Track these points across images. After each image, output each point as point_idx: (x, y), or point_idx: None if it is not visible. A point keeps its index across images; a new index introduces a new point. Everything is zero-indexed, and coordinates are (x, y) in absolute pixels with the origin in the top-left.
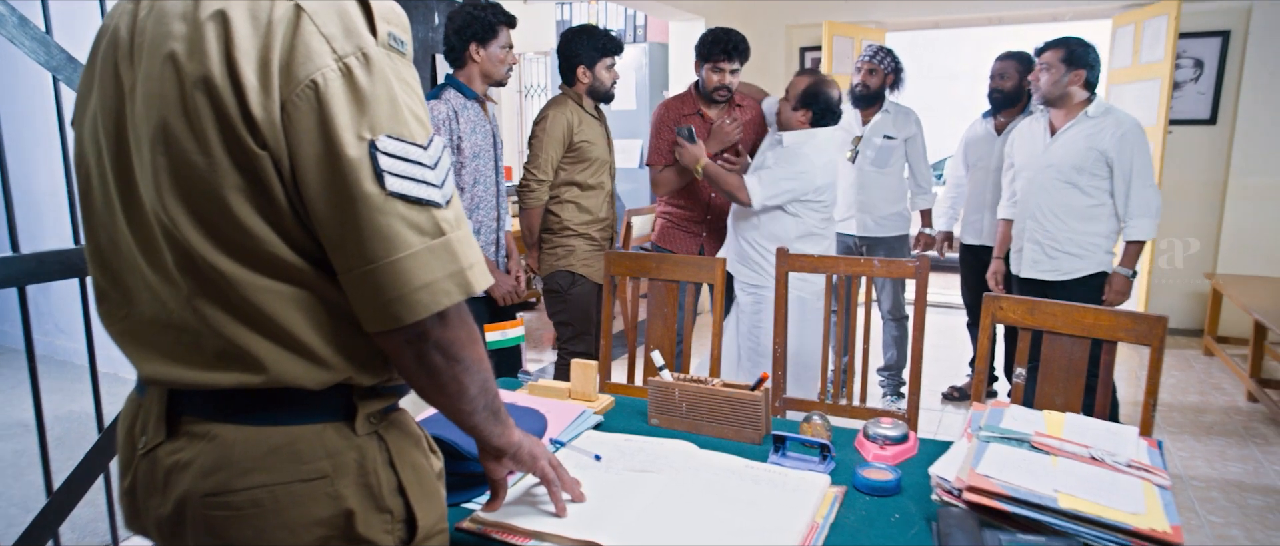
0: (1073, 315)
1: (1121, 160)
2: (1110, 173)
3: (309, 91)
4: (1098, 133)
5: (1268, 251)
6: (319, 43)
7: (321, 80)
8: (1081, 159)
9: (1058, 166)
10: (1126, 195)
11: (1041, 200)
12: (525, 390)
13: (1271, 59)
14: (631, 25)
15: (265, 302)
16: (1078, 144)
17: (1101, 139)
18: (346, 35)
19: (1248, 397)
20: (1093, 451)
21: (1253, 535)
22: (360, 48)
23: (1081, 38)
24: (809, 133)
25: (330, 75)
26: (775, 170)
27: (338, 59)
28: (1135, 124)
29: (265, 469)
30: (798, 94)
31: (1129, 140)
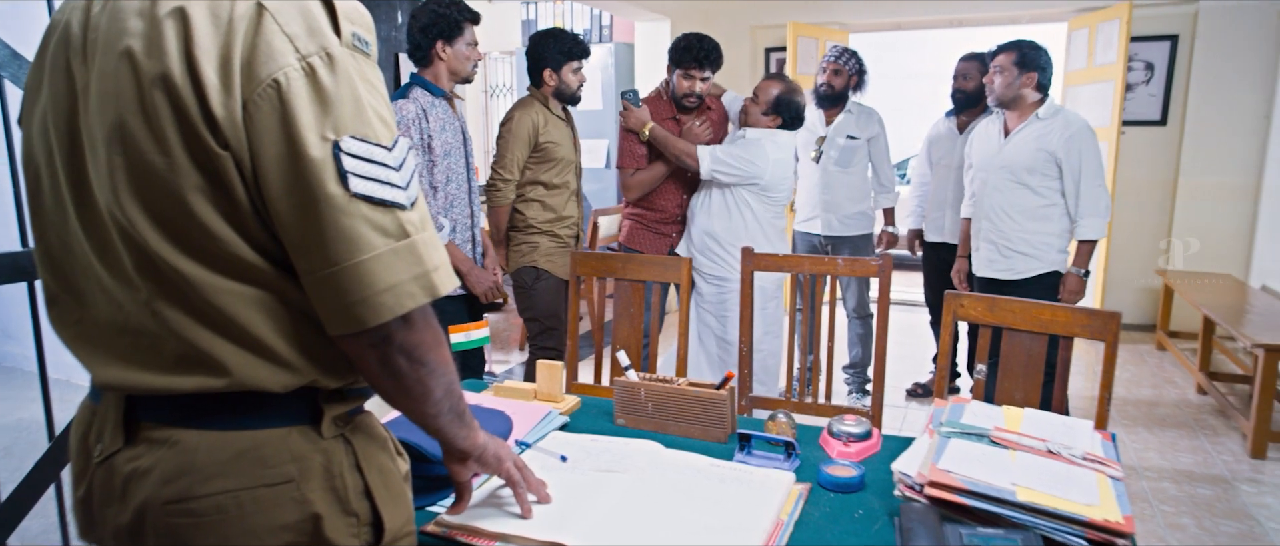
0: (1031, 312)
1: (1070, 161)
2: (1060, 173)
3: (271, 90)
4: (1047, 134)
5: (1216, 249)
6: (281, 42)
7: (284, 79)
8: (1032, 160)
9: (1010, 167)
10: (1077, 195)
11: (995, 200)
12: (491, 391)
13: (1216, 62)
14: (597, 25)
15: (227, 304)
16: (1028, 145)
17: (1051, 140)
18: (310, 35)
19: (1197, 390)
20: (1049, 445)
21: (1202, 523)
22: (324, 47)
23: (1033, 41)
24: (768, 132)
25: (293, 74)
26: (731, 148)
27: (301, 58)
28: (1084, 125)
29: (229, 474)
30: (769, 100)
31: (1077, 141)
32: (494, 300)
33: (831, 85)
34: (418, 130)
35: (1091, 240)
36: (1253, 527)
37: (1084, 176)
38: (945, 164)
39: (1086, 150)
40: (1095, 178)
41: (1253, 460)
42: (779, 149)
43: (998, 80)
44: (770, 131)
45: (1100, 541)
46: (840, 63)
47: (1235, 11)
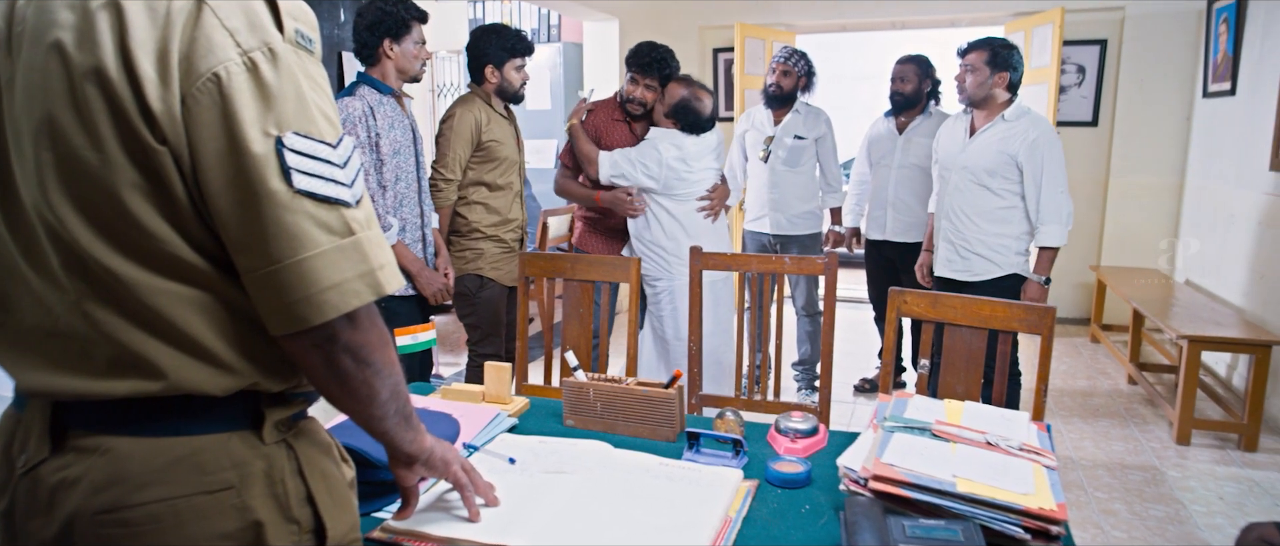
0: (971, 308)
1: (1032, 165)
2: (1021, 176)
3: (211, 85)
4: (1011, 136)
5: (1144, 245)
6: (222, 36)
7: (225, 74)
8: (994, 162)
9: (971, 168)
10: (1037, 200)
11: (955, 200)
12: (438, 394)
13: (1142, 66)
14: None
15: (164, 305)
16: (991, 146)
17: (1013, 143)
18: (251, 30)
19: (1128, 381)
20: (988, 437)
21: (1132, 507)
22: (266, 43)
23: (1005, 39)
24: (664, 132)
25: (234, 69)
26: (627, 152)
27: (242, 53)
28: (1048, 130)
29: (164, 482)
30: (669, 103)
31: (1040, 145)
32: (444, 301)
33: (780, 86)
34: (365, 128)
35: (1052, 247)
36: (1178, 510)
37: (1045, 182)
38: (885, 164)
39: (1049, 155)
40: (1056, 183)
41: (1178, 446)
42: (676, 148)
43: (969, 79)
44: (669, 132)
45: (1035, 529)
46: (789, 64)
47: (1158, 18)
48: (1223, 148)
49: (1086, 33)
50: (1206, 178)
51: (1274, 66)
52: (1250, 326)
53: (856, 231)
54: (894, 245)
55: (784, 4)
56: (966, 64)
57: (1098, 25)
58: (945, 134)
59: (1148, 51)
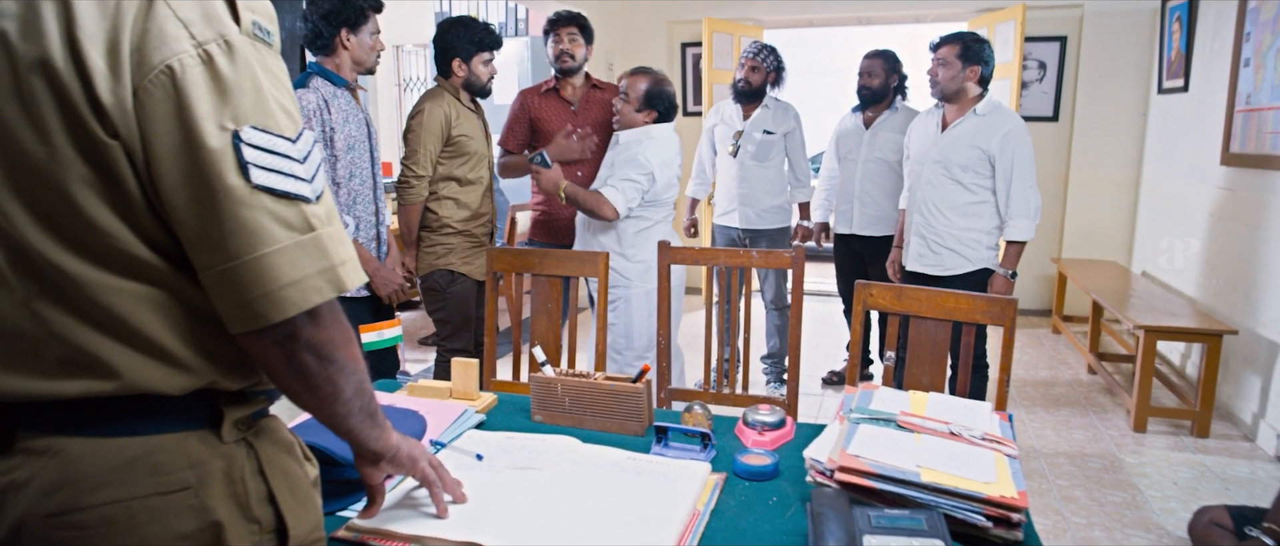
0: (935, 300)
1: (1002, 160)
2: (993, 171)
3: (164, 77)
4: (983, 131)
5: (1103, 238)
6: (175, 27)
7: (179, 66)
8: (966, 156)
9: (944, 162)
10: (1007, 194)
11: (927, 194)
12: (405, 391)
13: (1100, 62)
14: (513, 18)
15: (116, 304)
16: (963, 141)
17: (985, 137)
18: (206, 21)
19: (1088, 371)
20: (951, 427)
21: (1092, 494)
22: (222, 35)
23: (976, 34)
24: (644, 131)
25: (188, 62)
26: (626, 171)
27: (197, 45)
28: (1020, 124)
29: (119, 483)
30: (640, 95)
31: (1011, 140)
32: (401, 301)
33: (749, 81)
34: (319, 122)
35: (1020, 241)
36: (1135, 496)
37: (1015, 176)
38: (852, 158)
39: (1020, 150)
40: (1026, 178)
41: (1135, 434)
42: (658, 150)
43: (942, 73)
44: (646, 130)
45: (997, 516)
46: (758, 59)
47: (1115, 16)
48: (1177, 143)
49: (1047, 29)
50: (1162, 172)
51: (1224, 64)
52: (1203, 316)
53: (825, 226)
54: (861, 239)
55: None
56: (939, 58)
57: (1058, 22)
58: (917, 129)
59: (1105, 49)
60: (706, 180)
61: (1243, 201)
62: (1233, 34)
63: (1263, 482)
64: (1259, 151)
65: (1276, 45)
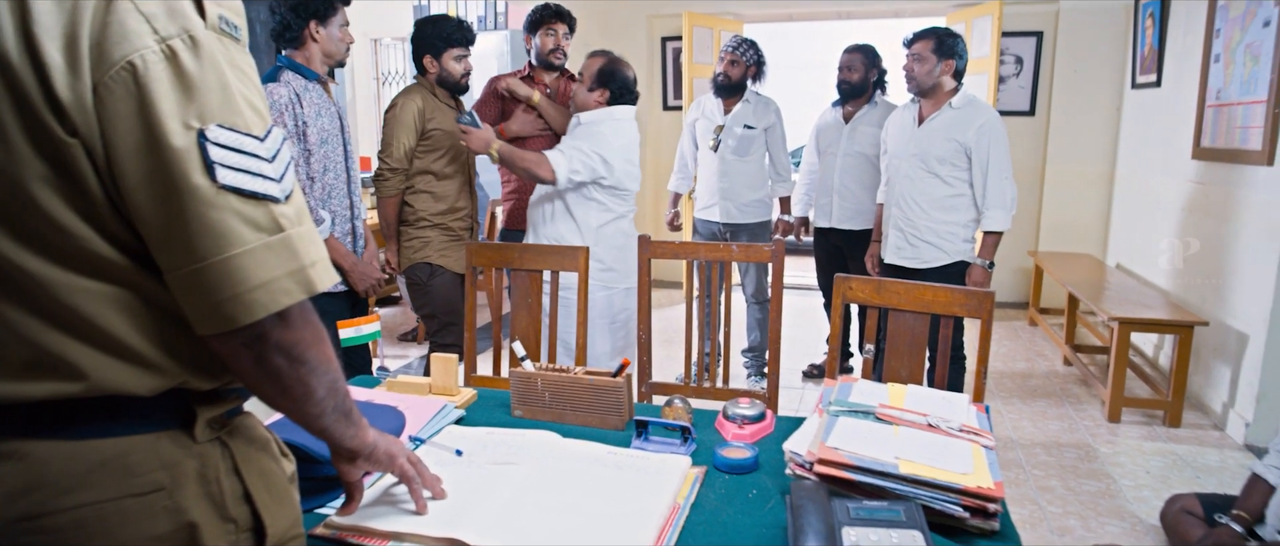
0: (914, 293)
1: (979, 152)
2: (969, 163)
3: (125, 74)
4: (958, 124)
5: (1079, 231)
6: (136, 21)
7: (140, 62)
8: (943, 149)
9: (921, 155)
10: (983, 186)
11: (905, 188)
12: (384, 387)
13: (1076, 57)
14: (492, 11)
15: (82, 304)
16: (940, 134)
17: (962, 130)
18: (170, 16)
19: (1064, 362)
20: (929, 419)
21: (1067, 483)
22: (186, 29)
23: (949, 29)
24: (606, 111)
25: (150, 58)
26: (579, 144)
27: (160, 40)
28: (994, 116)
29: (90, 486)
30: (593, 74)
31: (987, 132)
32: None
33: (729, 76)
34: (291, 116)
35: (996, 232)
36: (1109, 485)
37: (991, 168)
38: (831, 152)
39: (995, 142)
40: (1002, 170)
41: (1109, 424)
42: (620, 133)
43: (918, 68)
44: (605, 112)
45: (974, 507)
46: (738, 53)
47: (1090, 11)
48: (1150, 137)
49: (1023, 25)
50: (1135, 166)
51: (1195, 60)
52: (1175, 308)
53: (805, 220)
54: (841, 232)
55: None
56: (913, 53)
57: (1034, 18)
58: (894, 123)
59: (1081, 44)
60: (688, 174)
61: (1213, 195)
62: (1203, 30)
63: (1232, 470)
64: (1229, 146)
65: (1245, 41)
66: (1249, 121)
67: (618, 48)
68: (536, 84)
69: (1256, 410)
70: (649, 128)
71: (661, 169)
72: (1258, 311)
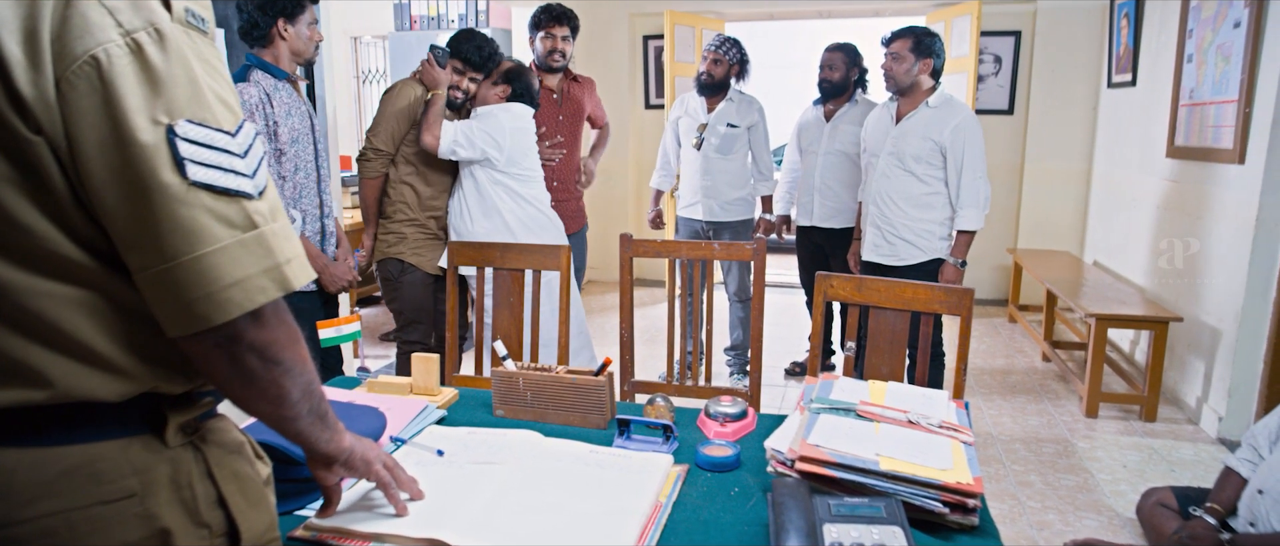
0: (894, 290)
1: (954, 151)
2: (945, 162)
3: (88, 68)
4: (935, 122)
5: (1057, 228)
6: (99, 14)
7: (104, 57)
8: (919, 147)
9: (898, 154)
10: (958, 185)
11: (883, 186)
12: (364, 388)
13: (1054, 57)
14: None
15: (47, 309)
16: (916, 132)
17: (938, 129)
18: (134, 8)
19: (1043, 358)
20: (909, 415)
21: (1046, 478)
22: (151, 22)
23: (927, 28)
24: (503, 106)
25: (115, 52)
26: (472, 124)
27: (125, 34)
28: (970, 115)
29: (56, 494)
30: (500, 72)
31: (962, 131)
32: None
33: (712, 74)
34: (261, 116)
35: (970, 230)
36: (1087, 479)
37: (965, 167)
38: (813, 151)
39: (970, 141)
40: (976, 169)
41: (1087, 419)
42: (515, 118)
43: (895, 67)
44: (504, 105)
45: (953, 502)
46: (721, 52)
47: (1067, 11)
48: (1125, 136)
49: (1002, 24)
50: (1111, 164)
51: (1169, 60)
52: (1150, 304)
53: (787, 219)
54: (822, 231)
55: None
56: (891, 52)
57: (1012, 17)
58: (872, 121)
59: (1058, 43)
60: (670, 172)
61: (1187, 193)
62: (1176, 31)
63: (1205, 464)
64: (1201, 145)
65: (1217, 42)
66: (1221, 121)
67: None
68: (543, 86)
69: (1228, 404)
70: (630, 125)
71: (644, 167)
72: (1230, 307)
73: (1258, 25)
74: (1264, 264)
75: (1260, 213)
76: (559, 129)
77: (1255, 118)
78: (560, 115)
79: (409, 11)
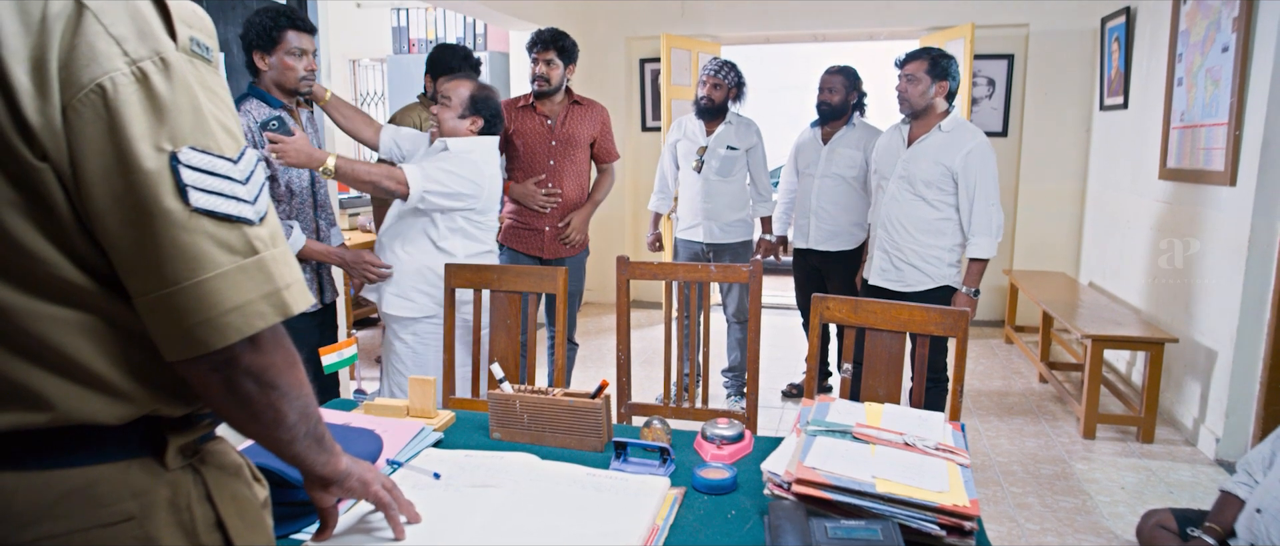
0: (890, 312)
1: (967, 177)
2: (956, 188)
3: (95, 97)
4: (947, 147)
5: (1052, 250)
6: (106, 44)
7: (110, 85)
8: (930, 172)
9: (908, 177)
10: (970, 212)
11: (892, 210)
12: (361, 410)
13: (1046, 79)
14: (471, 33)
15: (48, 332)
16: (927, 157)
17: (949, 154)
18: (140, 37)
19: (1040, 379)
20: (906, 437)
21: (1044, 500)
22: (157, 51)
23: (942, 50)
24: (475, 141)
25: (121, 80)
26: (446, 165)
27: (130, 63)
28: (983, 141)
29: (55, 517)
30: (464, 101)
31: (975, 157)
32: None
33: (712, 99)
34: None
35: (982, 258)
36: (1085, 501)
37: (978, 194)
38: (810, 173)
39: (984, 168)
40: (989, 196)
41: (1084, 440)
42: (490, 161)
43: (911, 89)
44: (475, 140)
45: (950, 525)
46: (719, 76)
47: (1058, 35)
48: (1118, 158)
49: (995, 47)
50: (1105, 186)
51: (1160, 83)
52: (1146, 325)
53: (785, 239)
54: (819, 253)
55: (709, 16)
56: (907, 74)
57: (1005, 41)
58: (883, 144)
59: (1050, 66)
60: (668, 194)
61: (1180, 214)
62: (1166, 55)
63: (1203, 485)
64: (1193, 166)
65: (1206, 66)
66: (1212, 143)
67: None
68: (536, 111)
69: (1225, 425)
70: (627, 148)
71: (641, 189)
72: (1225, 328)
73: (1245, 50)
74: (1258, 285)
75: (1253, 234)
76: (551, 153)
77: (1245, 140)
78: (552, 140)
79: (407, 35)
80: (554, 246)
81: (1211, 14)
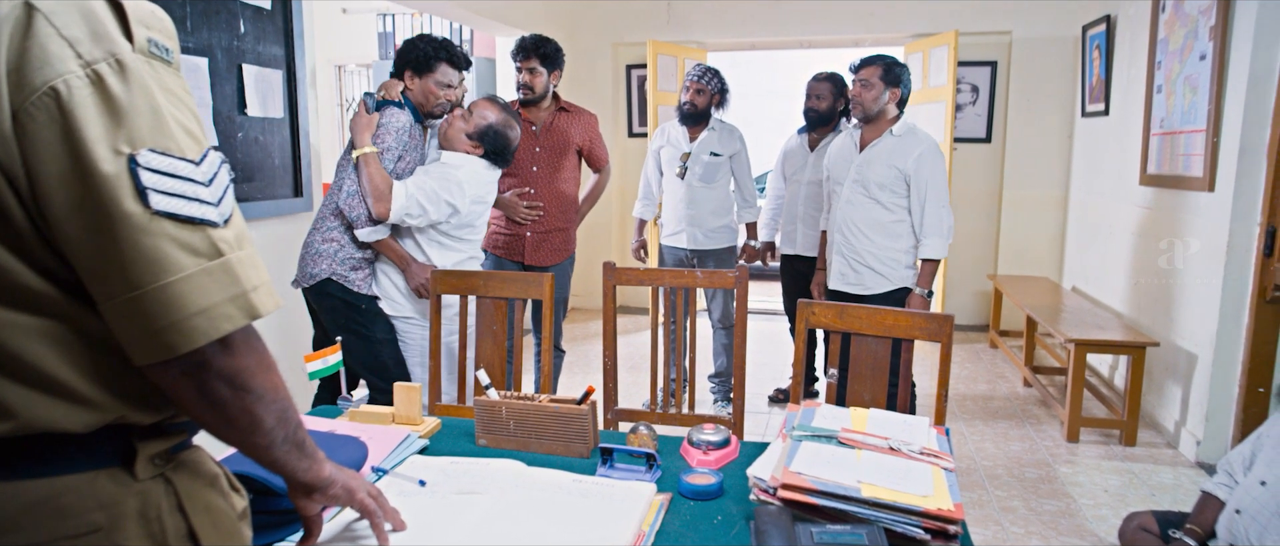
0: (876, 317)
1: (918, 180)
2: (908, 190)
3: (47, 100)
4: (898, 150)
5: (1036, 255)
6: (58, 46)
7: (64, 88)
8: (883, 176)
9: (862, 181)
10: (921, 214)
11: (848, 214)
12: (346, 417)
13: (1029, 86)
14: (458, 39)
15: (8, 340)
16: (880, 160)
17: (901, 157)
18: (95, 39)
19: (1024, 383)
20: (891, 442)
21: (1029, 504)
22: (112, 53)
23: (894, 57)
24: (471, 159)
25: (75, 83)
26: (423, 183)
27: (85, 65)
28: (933, 145)
29: (18, 528)
30: (479, 127)
31: (925, 160)
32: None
33: (695, 104)
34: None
35: (934, 259)
36: (1069, 504)
37: (929, 196)
38: (797, 179)
39: (933, 170)
40: (939, 198)
41: (1068, 444)
42: (479, 184)
43: (865, 94)
44: (470, 159)
45: (934, 529)
46: (702, 82)
47: (1041, 42)
48: (1100, 164)
49: (978, 54)
50: (1087, 192)
51: (1139, 91)
52: (1128, 329)
53: (771, 245)
54: (805, 259)
55: (695, 22)
56: (861, 79)
57: (988, 48)
58: (835, 149)
59: (1033, 73)
60: (653, 200)
61: (1161, 219)
62: (1146, 62)
63: (1185, 488)
64: (1173, 172)
65: (1185, 73)
66: (1190, 149)
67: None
68: (522, 118)
69: (1206, 428)
70: (614, 153)
71: (627, 195)
72: (1204, 332)
73: (1221, 58)
74: (1236, 289)
75: (1231, 239)
76: (535, 160)
77: (1223, 146)
78: (537, 146)
79: (393, 40)
80: (536, 253)
81: (1189, 22)
